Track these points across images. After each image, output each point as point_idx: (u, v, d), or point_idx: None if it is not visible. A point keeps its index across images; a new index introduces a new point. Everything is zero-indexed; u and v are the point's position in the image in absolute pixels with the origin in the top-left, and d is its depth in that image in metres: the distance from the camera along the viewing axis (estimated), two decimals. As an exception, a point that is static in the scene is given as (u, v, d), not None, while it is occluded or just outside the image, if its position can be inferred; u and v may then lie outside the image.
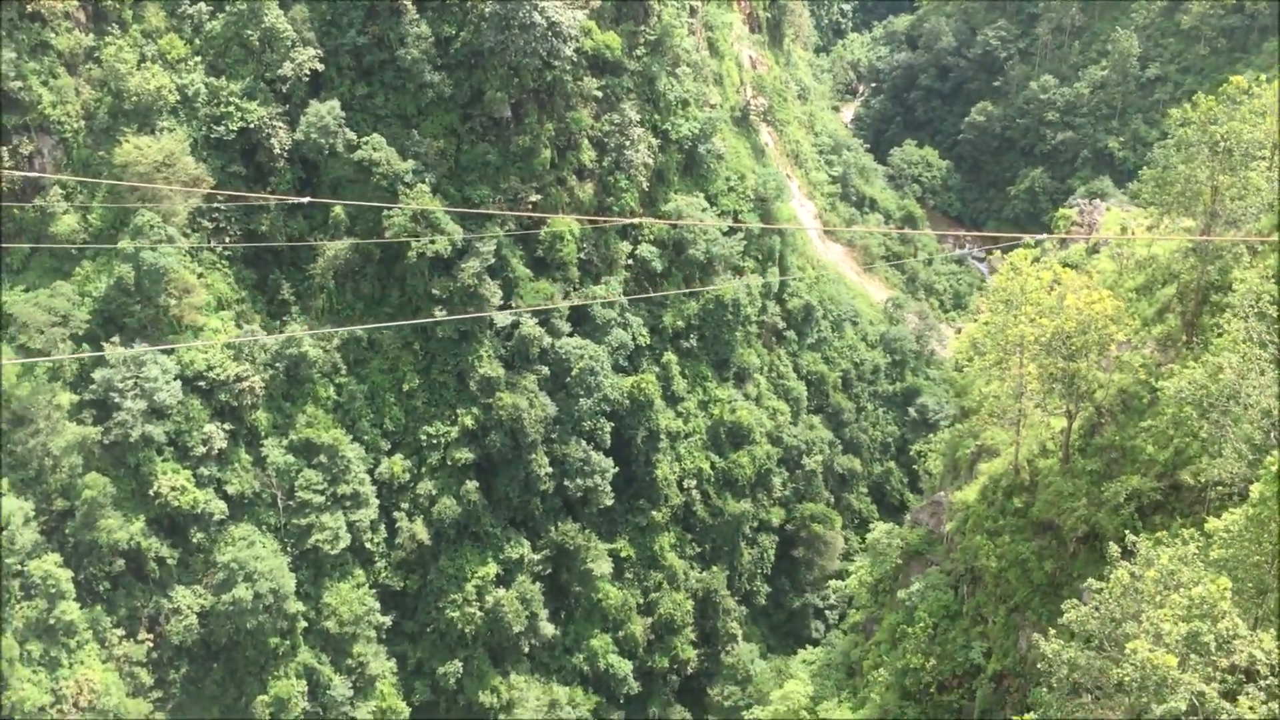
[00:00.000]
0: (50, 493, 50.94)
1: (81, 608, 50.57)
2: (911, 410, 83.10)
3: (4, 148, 52.11)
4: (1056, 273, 31.64)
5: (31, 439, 50.27)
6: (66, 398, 51.78)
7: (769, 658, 71.98)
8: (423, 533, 61.37)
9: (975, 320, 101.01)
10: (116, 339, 52.90)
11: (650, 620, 68.06)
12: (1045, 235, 51.79)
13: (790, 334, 78.88)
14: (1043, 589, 30.45)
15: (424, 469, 62.53)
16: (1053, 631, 22.53)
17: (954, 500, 34.42)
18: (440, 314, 60.77)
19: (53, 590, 48.72)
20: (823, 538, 74.86)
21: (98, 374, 52.34)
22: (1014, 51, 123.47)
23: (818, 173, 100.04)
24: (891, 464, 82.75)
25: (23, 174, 50.86)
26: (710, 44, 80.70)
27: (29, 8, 52.44)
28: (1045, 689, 23.04)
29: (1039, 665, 22.49)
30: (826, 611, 75.44)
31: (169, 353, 54.76)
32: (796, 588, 75.81)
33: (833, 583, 64.05)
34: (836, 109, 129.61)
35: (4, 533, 47.55)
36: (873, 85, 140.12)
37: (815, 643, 73.43)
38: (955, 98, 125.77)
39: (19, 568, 48.70)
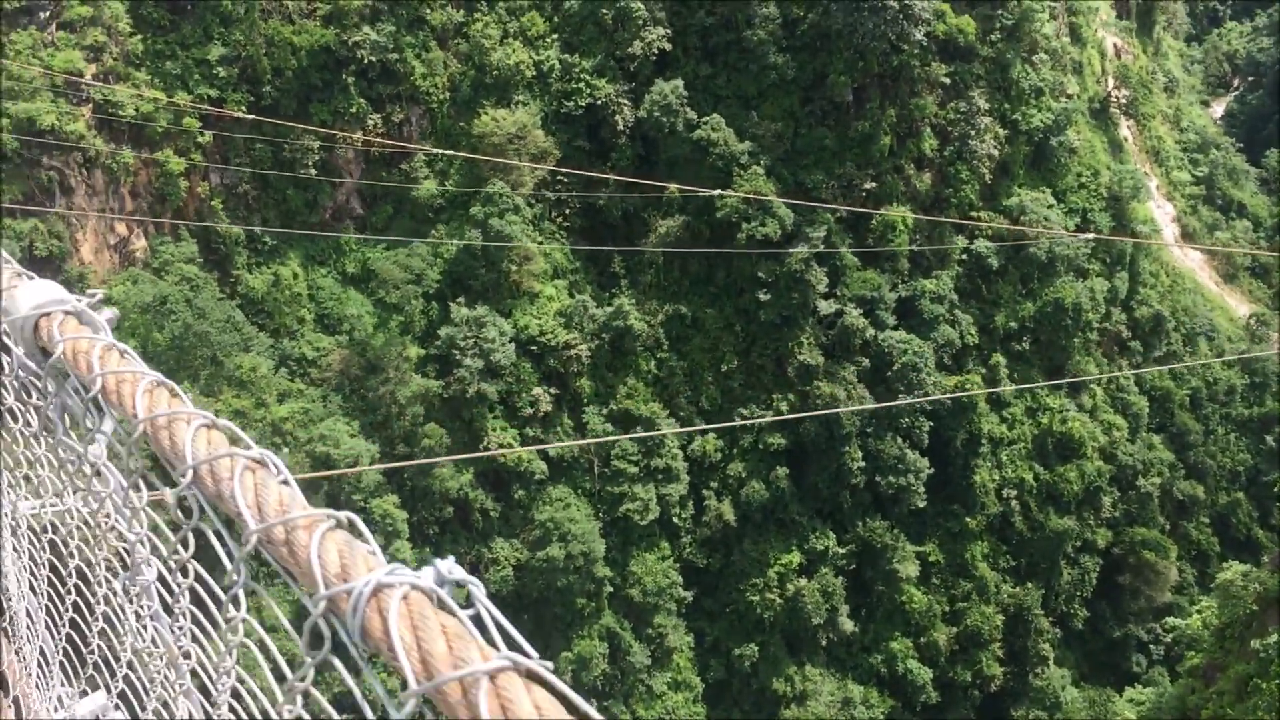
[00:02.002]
0: (394, 438, 54.80)
1: (413, 548, 54.15)
2: (1270, 439, 75.19)
3: (379, 115, 56.24)
4: None
5: (381, 386, 54.26)
6: (414, 351, 55.55)
7: (1081, 686, 67.57)
8: (729, 513, 61.57)
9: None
10: (462, 299, 56.18)
11: (955, 630, 65.29)
12: None
13: (1135, 344, 73.14)
14: None
15: (736, 450, 62.67)
16: None
17: (1329, 548, 30.49)
18: (763, 294, 60.60)
19: (390, 529, 52.42)
20: (1154, 566, 69.19)
21: (443, 331, 55.78)
22: None
23: (1180, 172, 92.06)
24: (1240, 495, 75.26)
25: (395, 144, 54.75)
26: (1072, 29, 75.69)
27: (409, -16, 56.29)
28: None
29: None
30: (1152, 646, 69.87)
31: (506, 315, 57.64)
32: (1119, 616, 70.56)
33: (1169, 619, 59.05)
34: (1206, 104, 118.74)
35: (355, 468, 51.64)
36: (1250, 79, 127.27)
37: (1135, 677, 68.39)
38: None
39: (363, 504, 52.71)
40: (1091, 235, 64.58)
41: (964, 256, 66.21)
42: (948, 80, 64.86)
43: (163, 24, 51.35)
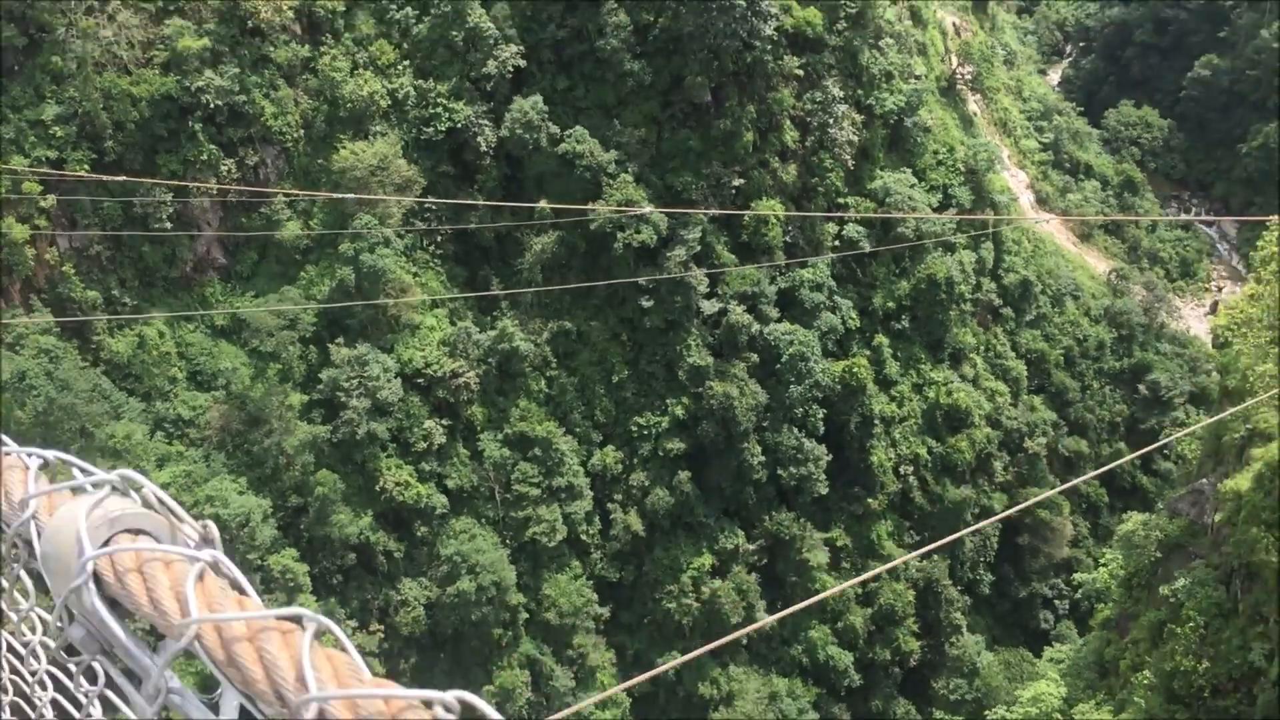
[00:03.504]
0: (285, 490, 52.94)
1: (317, 600, 52.38)
2: (1142, 387, 78.08)
3: (232, 160, 54.27)
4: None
5: (266, 439, 52.33)
6: (297, 398, 53.73)
7: (996, 650, 69.01)
8: (637, 524, 61.18)
9: (1219, 291, 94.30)
10: (340, 340, 54.59)
11: (870, 611, 66.08)
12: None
13: (1007, 311, 75.19)
14: (1334, 586, 27.41)
15: (636, 460, 62.33)
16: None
17: (1222, 489, 31.47)
18: (645, 301, 60.44)
19: (291, 584, 50.58)
20: (1049, 524, 71.18)
21: (324, 374, 54.11)
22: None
23: (1028, 140, 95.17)
24: (1121, 445, 77.89)
25: (252, 189, 52.90)
26: (913, 13, 77.53)
27: (249, 23, 54.44)
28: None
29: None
30: (1056, 601, 71.82)
31: (388, 351, 56.25)
32: (1022, 577, 72.40)
33: (1077, 575, 60.78)
34: (1043, 72, 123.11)
35: (246, 529, 49.60)
36: (1081, 45, 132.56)
37: (1045, 634, 70.22)
38: (1175, 53, 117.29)
39: (260, 562, 50.72)
40: (978, 217, 66.10)
41: (836, 243, 67.08)
42: (801, 72, 65.68)
43: (-12, 87, 48.66)
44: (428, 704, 1.58)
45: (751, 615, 61.98)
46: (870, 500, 66.61)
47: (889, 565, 55.86)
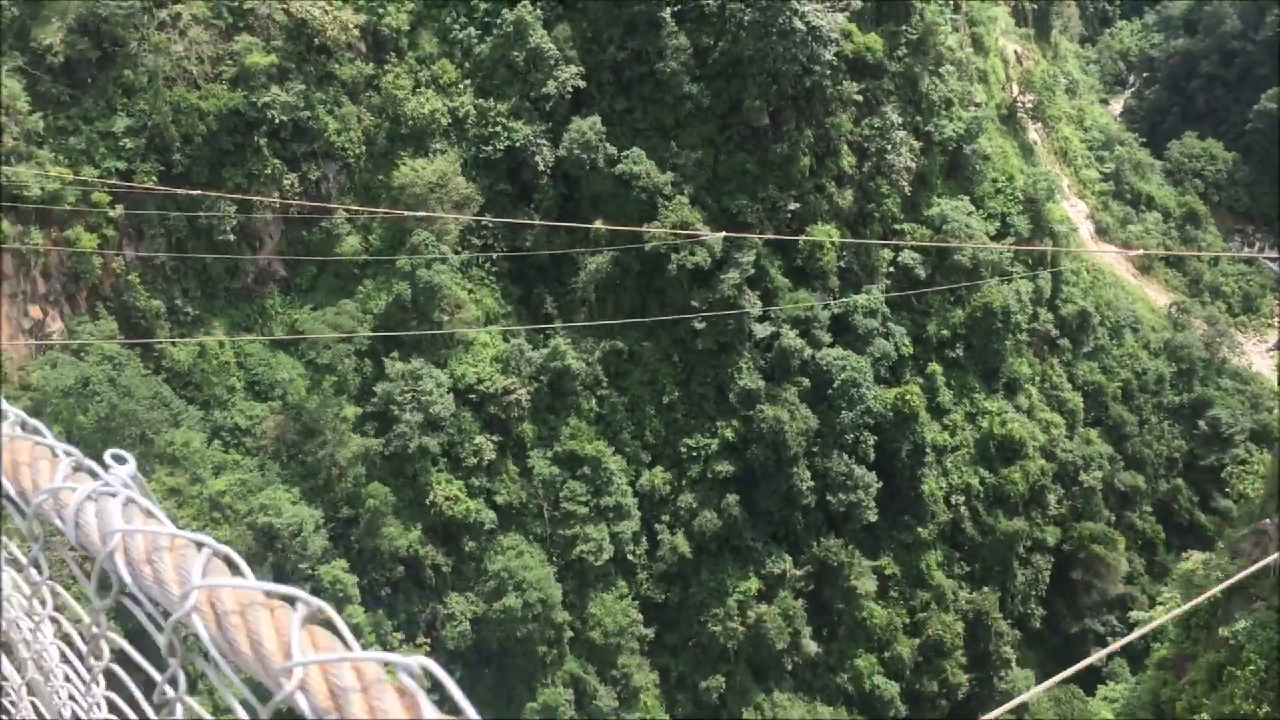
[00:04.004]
0: (337, 501, 53.49)
1: (366, 611, 52.78)
2: (1201, 423, 76.67)
3: (295, 175, 55.19)
4: None
5: (320, 450, 52.93)
6: (351, 410, 54.36)
7: (1045, 686, 67.79)
8: (684, 545, 61.04)
9: None
10: (395, 354, 55.17)
11: (917, 641, 65.32)
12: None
13: (1064, 342, 74.25)
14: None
15: (684, 481, 62.23)
16: None
17: (1287, 528, 30.79)
18: (698, 323, 60.43)
19: (340, 594, 51.02)
20: (1103, 559, 69.97)
21: (379, 387, 54.70)
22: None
23: (1088, 170, 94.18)
24: (1179, 481, 76.55)
25: (313, 203, 53.73)
26: (974, 40, 77.16)
27: (316, 41, 55.44)
28: None
29: None
30: (1109, 639, 70.47)
31: (441, 366, 56.74)
32: (1074, 612, 71.20)
33: (1133, 613, 59.73)
34: (1105, 102, 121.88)
35: (298, 538, 50.15)
36: (1145, 75, 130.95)
37: (1096, 671, 68.84)
38: (1242, 85, 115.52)
39: (310, 571, 51.22)
40: (1040, 248, 65.52)
41: (891, 269, 66.75)
42: (860, 97, 65.57)
43: (62, 100, 49.90)
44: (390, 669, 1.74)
45: (797, 641, 61.58)
46: (920, 529, 65.95)
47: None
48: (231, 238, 53.20)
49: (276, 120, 53.63)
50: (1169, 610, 41.00)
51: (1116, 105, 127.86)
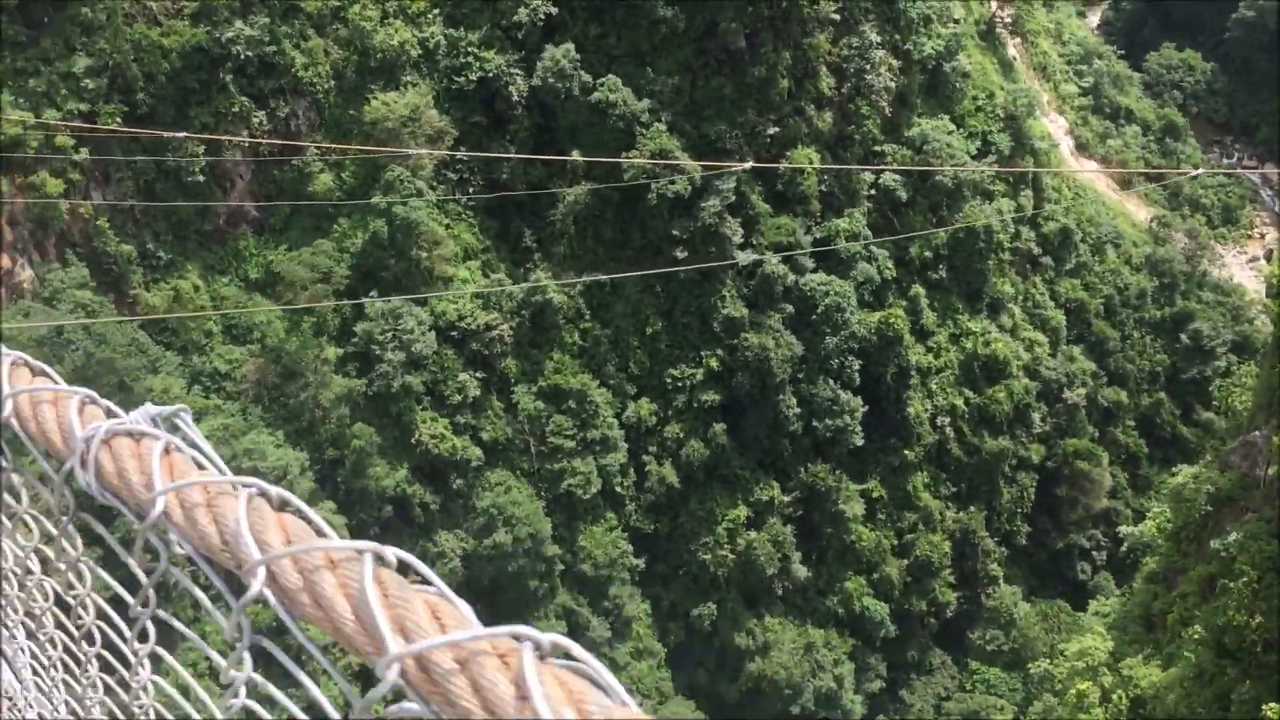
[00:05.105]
0: (322, 443, 53.04)
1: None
2: (1183, 337, 76.80)
3: (264, 112, 53.85)
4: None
5: (302, 392, 52.37)
6: (332, 351, 53.69)
7: (1033, 601, 68.75)
8: (672, 476, 61.02)
9: (1261, 238, 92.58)
10: (374, 292, 54.38)
11: (905, 562, 65.89)
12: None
13: (1046, 260, 73.92)
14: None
15: (670, 412, 62.04)
16: None
17: (1278, 442, 30.78)
18: (679, 252, 59.69)
19: (330, 536, 50.67)
20: (1088, 475, 70.45)
21: (359, 327, 54.01)
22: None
23: (1067, 85, 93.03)
24: (1161, 395, 76.83)
25: (283, 142, 52.49)
26: (952, -46, 75.62)
27: (278, -27, 53.76)
28: None
29: None
30: (1094, 553, 71.34)
31: (421, 304, 56.00)
32: (1059, 528, 71.84)
33: (1122, 528, 60.21)
34: (1083, 14, 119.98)
35: (284, 481, 49.76)
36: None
37: (1082, 585, 69.80)
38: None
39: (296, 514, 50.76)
40: (1027, 170, 64.88)
41: (873, 192, 66.08)
42: (837, 16, 64.39)
43: (19, 40, 48.33)
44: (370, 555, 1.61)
45: (787, 566, 61.94)
46: (906, 452, 66.16)
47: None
48: (201, 179, 52.03)
49: (241, 56, 52.19)
50: (1158, 524, 41.30)
51: (1094, 17, 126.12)
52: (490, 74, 58.10)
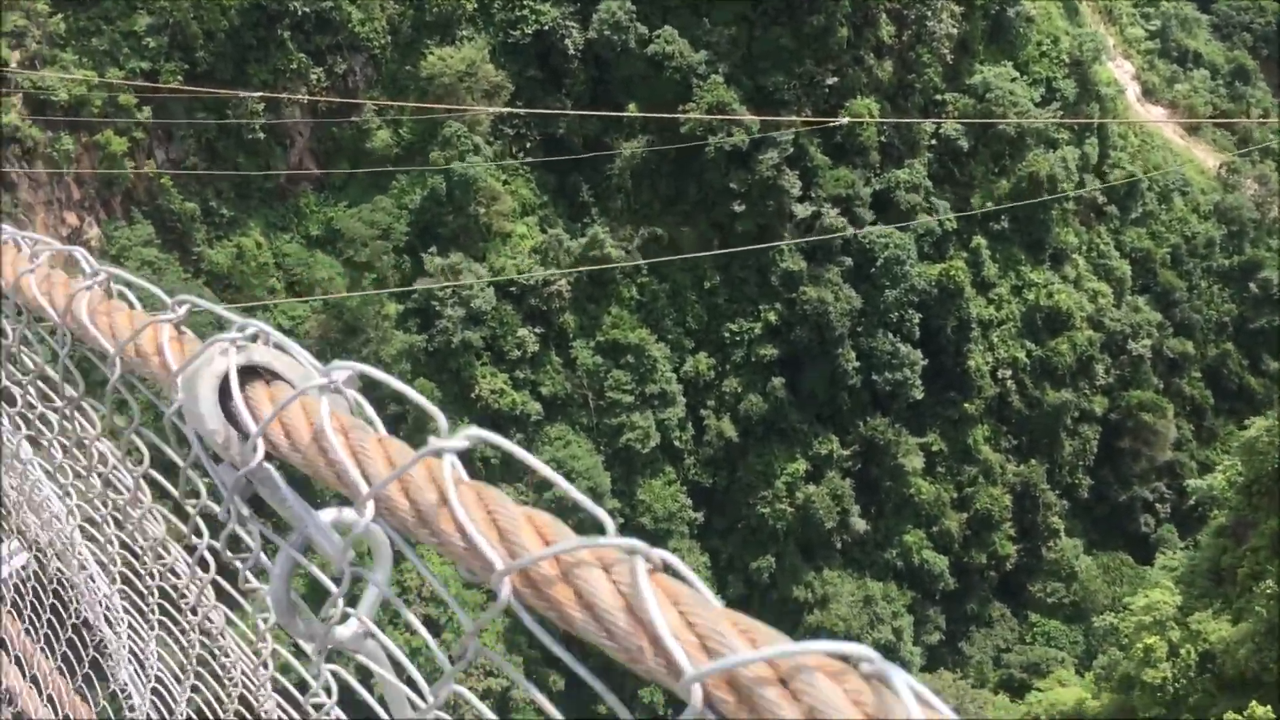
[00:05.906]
0: (384, 398, 52.78)
1: (418, 506, 53.22)
2: (1253, 286, 75.16)
3: (321, 69, 54.00)
4: None
5: (364, 348, 52.87)
6: (392, 308, 54.15)
7: (1094, 554, 68.23)
8: (730, 430, 61.01)
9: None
10: (434, 249, 54.65)
11: (965, 515, 65.52)
12: None
13: (1111, 209, 72.49)
14: None
15: (728, 366, 61.91)
16: None
17: (1357, 394, 30.07)
18: (737, 205, 59.26)
19: (393, 490, 51.40)
20: (1152, 427, 69.45)
21: (418, 283, 54.33)
22: None
23: (1134, 29, 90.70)
24: (1229, 345, 75.34)
25: (340, 99, 52.65)
26: (1015, -106, 73.62)
27: (335, -73, 53.63)
28: None
29: None
30: (1158, 505, 70.46)
31: (481, 260, 56.18)
32: (1122, 481, 70.98)
33: (1190, 481, 59.41)
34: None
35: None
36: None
37: (1144, 539, 69.13)
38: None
39: (361, 468, 51.52)
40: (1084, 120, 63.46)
41: (933, 142, 65.04)
42: (898, -39, 63.05)
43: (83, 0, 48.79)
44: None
45: (846, 519, 61.86)
46: (967, 405, 65.56)
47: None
48: (261, 136, 52.40)
49: (299, 12, 52.34)
50: (1228, 477, 40.66)
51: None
52: (546, 27, 57.74)
